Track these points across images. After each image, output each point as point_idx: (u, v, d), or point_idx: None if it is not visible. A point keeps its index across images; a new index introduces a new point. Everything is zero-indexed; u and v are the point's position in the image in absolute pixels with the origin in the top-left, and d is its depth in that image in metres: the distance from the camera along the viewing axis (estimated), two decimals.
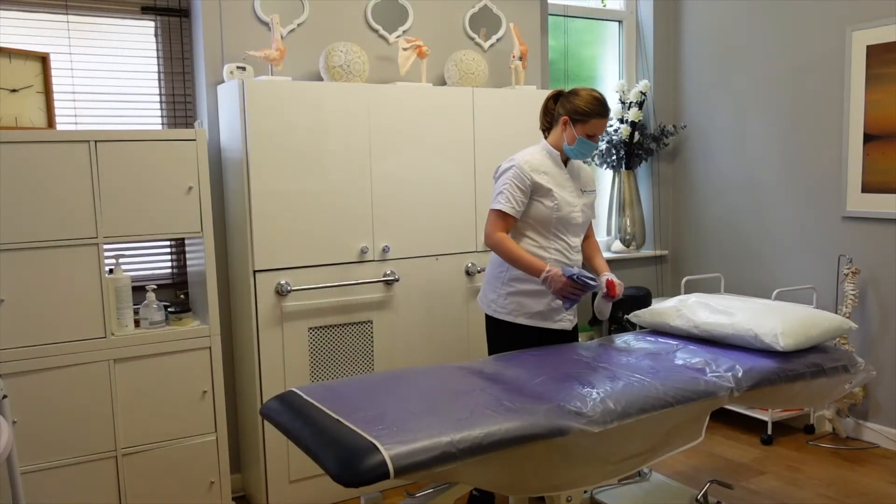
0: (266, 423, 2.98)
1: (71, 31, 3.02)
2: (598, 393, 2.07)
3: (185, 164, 2.82)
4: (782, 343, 2.42)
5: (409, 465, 1.69)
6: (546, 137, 2.80)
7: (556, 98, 2.77)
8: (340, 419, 1.89)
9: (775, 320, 2.49)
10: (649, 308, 2.89)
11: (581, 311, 4.34)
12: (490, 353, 2.83)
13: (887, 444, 3.63)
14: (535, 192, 2.67)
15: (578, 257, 2.81)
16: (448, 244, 3.36)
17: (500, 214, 2.65)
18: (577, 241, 2.79)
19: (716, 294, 3.42)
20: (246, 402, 3.16)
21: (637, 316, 2.90)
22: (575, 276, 2.50)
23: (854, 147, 3.64)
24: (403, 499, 2.38)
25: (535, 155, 2.72)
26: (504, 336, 2.76)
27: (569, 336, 2.84)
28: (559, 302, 2.67)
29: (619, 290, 2.68)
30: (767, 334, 2.45)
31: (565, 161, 2.77)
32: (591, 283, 2.52)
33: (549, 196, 2.67)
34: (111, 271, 2.82)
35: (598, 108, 2.65)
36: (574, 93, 2.69)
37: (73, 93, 3.03)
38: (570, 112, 2.66)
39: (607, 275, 2.73)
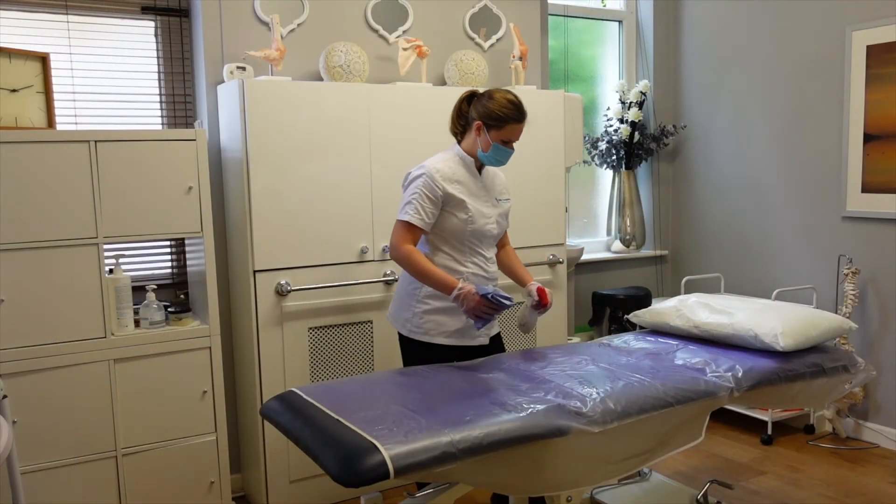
0: (266, 423, 2.98)
1: (71, 31, 3.02)
2: (598, 393, 2.07)
3: (185, 164, 2.82)
4: (782, 343, 2.42)
5: (409, 465, 1.69)
6: (459, 142, 2.60)
7: (469, 100, 2.56)
8: (340, 419, 1.89)
9: (775, 320, 2.49)
10: (649, 308, 2.89)
11: (580, 312, 4.34)
12: None
13: (887, 444, 3.63)
14: (446, 203, 2.47)
15: (495, 268, 2.66)
16: None
17: (408, 226, 2.44)
18: (492, 253, 2.66)
19: (716, 294, 3.42)
20: (246, 402, 3.16)
21: (637, 316, 2.90)
22: (489, 296, 2.33)
23: (854, 147, 3.63)
24: (403, 499, 2.37)
25: (447, 162, 2.52)
26: (420, 356, 2.56)
27: (488, 351, 2.62)
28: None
29: (551, 298, 2.54)
30: (767, 334, 2.45)
31: (479, 168, 2.58)
32: (506, 302, 2.34)
33: (463, 208, 2.48)
34: (111, 271, 2.82)
35: (514, 112, 2.46)
36: (488, 95, 2.48)
37: (73, 93, 3.03)
38: (484, 116, 2.46)
39: (535, 283, 2.57)
